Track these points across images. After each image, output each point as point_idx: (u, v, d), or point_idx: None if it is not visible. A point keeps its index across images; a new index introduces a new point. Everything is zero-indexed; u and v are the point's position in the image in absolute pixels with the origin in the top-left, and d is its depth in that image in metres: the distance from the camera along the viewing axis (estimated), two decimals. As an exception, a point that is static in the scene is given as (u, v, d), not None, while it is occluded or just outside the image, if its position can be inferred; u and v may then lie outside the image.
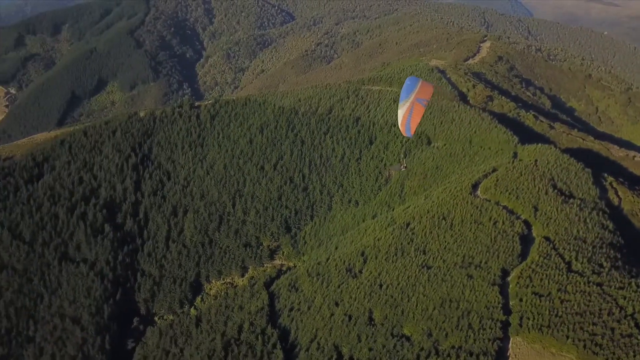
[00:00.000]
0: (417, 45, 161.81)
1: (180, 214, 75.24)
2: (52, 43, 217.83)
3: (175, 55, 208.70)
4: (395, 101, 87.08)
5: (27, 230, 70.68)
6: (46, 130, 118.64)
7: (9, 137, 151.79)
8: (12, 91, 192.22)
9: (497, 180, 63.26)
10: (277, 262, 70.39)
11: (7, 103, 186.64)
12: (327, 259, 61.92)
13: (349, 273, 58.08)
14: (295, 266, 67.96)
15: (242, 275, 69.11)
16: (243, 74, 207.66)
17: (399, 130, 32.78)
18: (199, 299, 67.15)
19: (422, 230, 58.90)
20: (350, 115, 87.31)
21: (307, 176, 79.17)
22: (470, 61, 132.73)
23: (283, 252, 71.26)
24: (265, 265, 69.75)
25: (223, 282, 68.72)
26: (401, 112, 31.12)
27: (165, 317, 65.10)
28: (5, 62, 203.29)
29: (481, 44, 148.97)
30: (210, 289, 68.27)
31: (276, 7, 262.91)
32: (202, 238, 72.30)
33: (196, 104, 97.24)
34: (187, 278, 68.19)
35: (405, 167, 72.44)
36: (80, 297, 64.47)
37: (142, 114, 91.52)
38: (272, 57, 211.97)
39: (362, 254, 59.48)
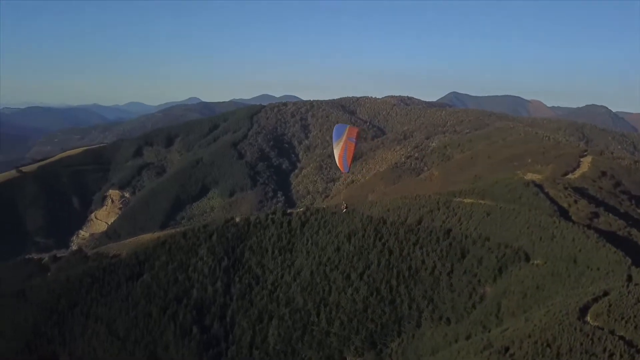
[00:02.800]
0: (510, 159, 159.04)
1: (265, 319, 74.87)
2: (165, 153, 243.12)
3: (272, 166, 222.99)
4: (489, 214, 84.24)
5: (122, 327, 73.75)
6: (151, 231, 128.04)
7: (119, 236, 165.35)
8: (127, 195, 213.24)
9: (610, 306, 56.44)
10: (361, 380, 66.13)
11: (121, 205, 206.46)
12: (415, 382, 57.09)
13: (439, 400, 52.74)
14: (379, 386, 63.21)
15: (323, 392, 65.38)
16: (334, 184, 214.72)
17: (492, 245, 32.13)
18: (276, 413, 64.01)
19: (524, 357, 52.85)
20: (440, 227, 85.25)
21: (395, 288, 76.39)
22: (570, 176, 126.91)
23: (367, 370, 67.09)
24: (347, 382, 65.76)
25: (303, 397, 65.28)
26: (337, 152, 34.26)
27: None
28: (125, 170, 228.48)
29: (581, 159, 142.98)
30: (289, 404, 65.04)
31: (368, 123, 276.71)
32: (284, 347, 70.62)
33: (288, 211, 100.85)
34: (266, 389, 65.86)
35: (347, 208, 69.11)
36: (161, 399, 64.26)
37: (237, 219, 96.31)
38: (362, 169, 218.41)
39: (455, 379, 54.17)
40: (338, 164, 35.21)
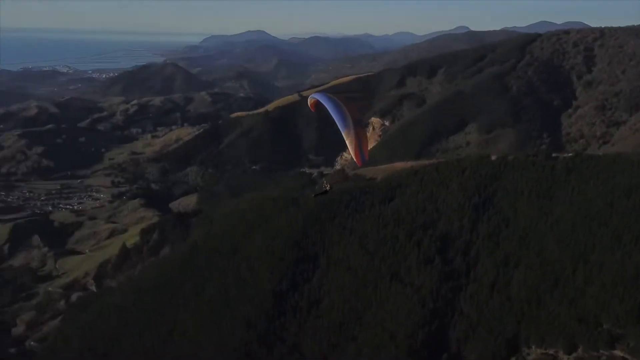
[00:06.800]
0: None
1: (511, 264, 71.32)
2: (426, 84, 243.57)
3: (540, 102, 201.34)
4: None
5: (372, 244, 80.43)
6: (405, 160, 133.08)
7: (376, 161, 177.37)
8: (386, 123, 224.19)
9: None
10: (619, 353, 58.00)
11: (380, 133, 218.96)
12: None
13: None
14: (642, 366, 54.54)
15: (569, 353, 59.92)
16: (618, 129, 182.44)
17: None
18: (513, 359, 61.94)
19: None
20: None
21: (683, 261, 62.55)
22: None
23: (628, 344, 58.20)
24: (600, 351, 58.53)
25: (544, 351, 61.27)
26: (350, 142, 28.34)
27: (472, 365, 62.78)
28: (387, 99, 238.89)
29: None
30: (529, 354, 61.95)
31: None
32: (529, 296, 66.41)
33: (553, 155, 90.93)
34: (504, 333, 63.87)
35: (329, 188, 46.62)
36: (400, 315, 68.96)
37: (493, 158, 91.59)
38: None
39: None
40: (354, 157, 28.86)
